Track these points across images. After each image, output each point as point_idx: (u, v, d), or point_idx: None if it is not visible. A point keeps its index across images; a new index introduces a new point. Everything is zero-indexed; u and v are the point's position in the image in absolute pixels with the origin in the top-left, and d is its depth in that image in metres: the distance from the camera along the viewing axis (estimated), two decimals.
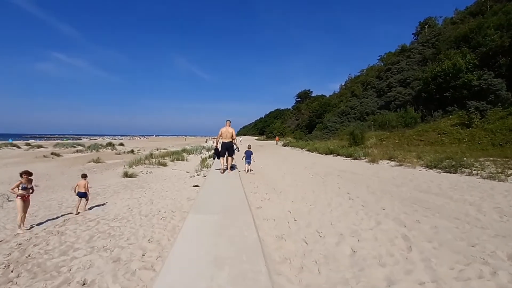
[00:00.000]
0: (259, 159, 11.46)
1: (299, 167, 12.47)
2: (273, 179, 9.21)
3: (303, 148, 24.45)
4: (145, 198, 7.63)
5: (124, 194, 8.45)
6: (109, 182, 11.37)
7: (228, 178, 8.03)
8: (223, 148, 8.70)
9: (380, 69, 39.09)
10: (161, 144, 50.84)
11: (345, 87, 60.87)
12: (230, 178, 8.01)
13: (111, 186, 10.04)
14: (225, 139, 8.57)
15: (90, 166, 18.38)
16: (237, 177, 8.31)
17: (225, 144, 8.60)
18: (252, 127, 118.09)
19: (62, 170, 16.90)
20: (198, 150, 23.79)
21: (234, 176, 8.37)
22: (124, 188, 9.20)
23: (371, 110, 29.74)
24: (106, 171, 15.81)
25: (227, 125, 8.57)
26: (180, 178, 11.11)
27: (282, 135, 59.08)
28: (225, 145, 8.62)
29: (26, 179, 5.77)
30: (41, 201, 8.08)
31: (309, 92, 78.41)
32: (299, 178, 9.36)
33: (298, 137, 47.02)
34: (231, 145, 8.80)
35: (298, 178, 9.36)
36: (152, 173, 13.72)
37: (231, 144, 8.72)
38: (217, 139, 8.99)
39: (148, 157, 18.81)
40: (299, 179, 9.05)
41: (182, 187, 8.90)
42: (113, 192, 8.82)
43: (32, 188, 5.83)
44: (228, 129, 8.51)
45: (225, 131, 8.47)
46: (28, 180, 5.83)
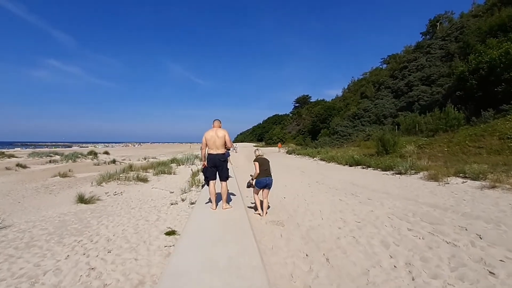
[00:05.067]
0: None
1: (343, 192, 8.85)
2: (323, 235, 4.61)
3: (314, 157, 20.94)
4: None
5: (30, 254, 4.83)
6: (50, 213, 7.70)
7: (227, 225, 4.39)
8: (210, 164, 5.12)
9: (393, 68, 36.05)
10: (153, 152, 47.08)
11: (349, 90, 58.21)
12: (231, 226, 4.34)
13: (39, 225, 6.34)
14: (212, 150, 5.04)
15: (52, 182, 14.66)
16: (242, 223, 4.66)
17: (213, 158, 5.04)
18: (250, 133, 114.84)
19: (12, 188, 13.16)
20: (189, 160, 20.17)
21: (237, 221, 4.74)
22: (48, 236, 5.51)
23: (389, 112, 26.47)
24: (66, 190, 12.13)
25: (216, 126, 5.13)
26: (155, 207, 7.51)
27: (282, 141, 55.75)
28: (213, 160, 5.05)
29: None
30: None
31: (308, 97, 75.91)
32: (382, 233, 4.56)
33: (300, 143, 43.75)
34: (224, 160, 5.16)
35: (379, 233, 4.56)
36: (122, 195, 10.06)
37: (223, 157, 5.12)
38: (202, 152, 5.30)
39: (126, 170, 15.13)
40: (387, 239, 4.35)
41: (150, 232, 5.28)
42: (16, 250, 5.17)
43: None
44: (217, 132, 5.00)
45: (213, 137, 4.98)
46: None
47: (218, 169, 5.07)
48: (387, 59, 52.53)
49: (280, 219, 5.46)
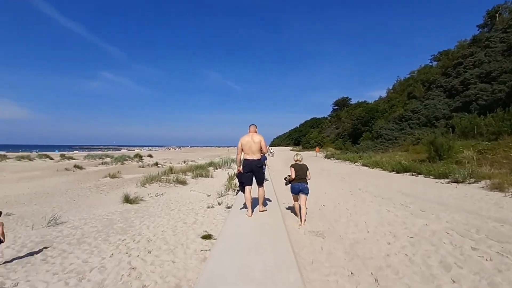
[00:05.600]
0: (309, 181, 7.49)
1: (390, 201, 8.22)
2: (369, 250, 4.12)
3: (356, 162, 19.81)
4: (96, 274, 4.18)
5: (81, 250, 5.18)
6: (99, 211, 8.35)
7: (264, 233, 4.21)
8: (246, 170, 5.03)
9: (445, 65, 32.79)
10: (192, 155, 49.24)
11: (394, 90, 54.45)
12: (267, 234, 4.16)
13: (90, 223, 6.88)
14: (248, 155, 4.98)
15: (103, 183, 16.06)
16: (279, 232, 4.46)
17: (249, 163, 4.98)
18: (286, 137, 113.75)
19: (70, 187, 14.71)
20: (226, 163, 20.54)
21: (273, 229, 4.55)
22: (97, 233, 5.92)
23: (442, 114, 24.00)
24: (114, 190, 13.15)
25: (252, 131, 5.09)
26: (193, 209, 7.69)
27: (320, 145, 54.09)
28: (249, 166, 4.98)
29: None
30: None
31: (348, 100, 72.81)
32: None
33: (340, 147, 41.93)
34: (260, 165, 5.06)
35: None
36: (163, 196, 10.56)
37: (259, 163, 5.03)
38: (237, 157, 5.23)
39: (167, 172, 15.93)
40: None
41: (188, 234, 5.37)
42: (69, 245, 5.59)
43: None
44: (253, 138, 4.96)
45: (249, 142, 4.94)
46: None
47: (254, 174, 5.03)
48: (437, 55, 48.09)
49: (320, 230, 5.13)
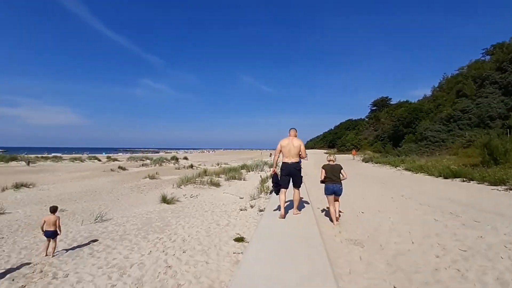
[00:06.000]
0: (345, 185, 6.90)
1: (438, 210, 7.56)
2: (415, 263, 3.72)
3: (397, 166, 18.55)
4: (136, 269, 4.38)
5: (122, 246, 5.50)
6: (140, 210, 8.88)
7: (297, 237, 4.10)
8: (284, 173, 5.13)
9: (500, 59, 29.30)
10: (225, 158, 50.42)
11: (440, 88, 50.05)
12: (301, 239, 4.04)
13: (131, 221, 7.35)
14: (287, 158, 5.10)
15: (143, 183, 17.10)
16: (313, 238, 4.30)
17: (288, 166, 5.10)
18: (320, 139, 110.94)
19: (114, 187, 15.91)
20: (259, 166, 20.62)
21: (307, 234, 4.40)
22: (137, 231, 6.28)
23: (497, 113, 21.47)
24: (153, 190, 13.92)
25: (292, 135, 5.24)
26: (226, 211, 7.80)
27: (357, 148, 51.74)
28: (288, 169, 5.10)
29: None
30: None
31: (387, 99, 68.70)
32: None
33: (379, 150, 39.65)
34: (299, 168, 5.18)
35: None
36: (197, 197, 10.91)
37: (298, 166, 5.16)
38: (274, 158, 5.39)
39: (201, 174, 16.47)
40: None
41: (221, 236, 5.44)
42: (112, 241, 5.97)
43: None
44: (292, 141, 5.10)
45: (288, 145, 5.08)
46: None
47: (292, 177, 5.11)
48: (490, 49, 43.06)
49: (359, 238, 4.84)
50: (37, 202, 11.02)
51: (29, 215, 8.74)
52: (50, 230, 4.72)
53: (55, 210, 5.00)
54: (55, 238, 4.86)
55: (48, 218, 4.77)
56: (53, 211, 4.94)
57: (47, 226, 4.72)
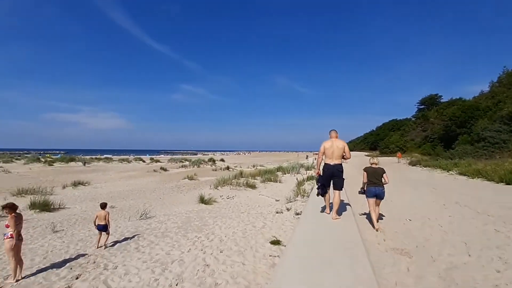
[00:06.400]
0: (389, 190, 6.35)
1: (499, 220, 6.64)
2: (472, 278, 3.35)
3: (450, 170, 16.86)
4: (175, 267, 4.56)
5: (164, 243, 5.78)
6: (179, 209, 9.34)
7: (337, 243, 3.92)
8: (326, 174, 5.15)
9: None
10: (260, 160, 50.72)
11: (500, 83, 44.33)
12: (341, 245, 3.86)
13: (171, 219, 7.74)
14: (330, 159, 5.10)
15: (183, 184, 17.97)
16: (354, 244, 4.08)
17: (331, 168, 5.08)
18: (361, 141, 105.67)
19: (157, 186, 16.98)
20: (295, 169, 20.32)
21: (348, 240, 4.19)
22: (177, 229, 6.59)
23: None
24: (192, 190, 14.54)
25: (333, 136, 5.20)
26: (261, 213, 7.80)
27: (403, 150, 48.20)
28: (331, 170, 5.09)
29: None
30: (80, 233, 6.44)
31: (437, 97, 62.83)
32: None
33: (428, 152, 36.42)
34: (341, 170, 5.10)
35: None
36: (233, 199, 11.13)
37: (340, 167, 5.10)
38: (318, 160, 5.39)
39: (237, 176, 16.77)
40: None
41: (257, 238, 5.45)
42: (155, 237, 6.31)
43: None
44: (336, 143, 5.07)
45: (332, 147, 5.07)
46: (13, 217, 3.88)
47: (334, 178, 5.10)
48: None
49: (406, 248, 4.47)
50: (91, 199, 12.22)
51: (85, 211, 9.73)
52: (101, 224, 5.28)
53: (105, 206, 5.58)
54: (106, 231, 5.41)
55: (100, 214, 5.34)
56: (103, 207, 5.53)
57: (98, 221, 5.29)
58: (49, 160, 34.03)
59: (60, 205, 10.13)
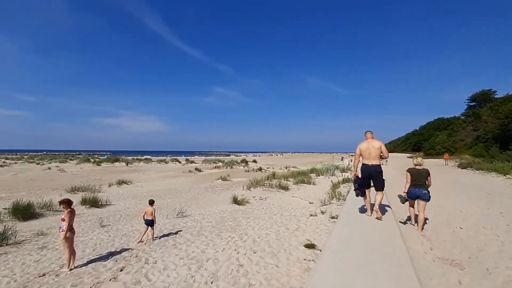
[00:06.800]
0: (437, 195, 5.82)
1: None
2: None
3: (507, 174, 15.06)
4: (209, 265, 4.66)
5: (200, 241, 5.95)
6: (213, 209, 9.59)
7: (377, 250, 3.70)
8: (364, 175, 5.11)
9: None
10: (293, 161, 50.17)
11: None
12: (382, 252, 3.63)
13: (206, 218, 7.98)
14: (367, 160, 5.10)
15: (216, 184, 18.45)
16: (397, 252, 3.81)
17: (368, 168, 5.06)
18: (402, 142, 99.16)
19: (192, 186, 17.65)
20: (329, 170, 19.72)
21: (389, 247, 3.93)
22: (212, 228, 6.76)
23: None
24: (225, 191, 14.86)
25: (369, 137, 5.21)
26: (295, 216, 7.70)
27: (451, 151, 44.29)
28: (368, 171, 5.06)
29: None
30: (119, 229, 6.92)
31: (491, 93, 56.68)
32: None
33: (481, 154, 32.95)
34: (380, 170, 5.01)
35: None
36: (266, 200, 11.14)
37: (379, 168, 5.03)
38: (355, 162, 5.38)
39: (269, 177, 16.77)
40: None
41: (290, 241, 5.39)
42: (191, 236, 6.53)
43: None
44: (372, 144, 5.06)
45: (368, 148, 5.07)
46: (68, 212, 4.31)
47: (373, 179, 5.07)
48: None
49: (457, 258, 4.08)
50: (133, 197, 13.11)
51: (128, 208, 10.46)
52: (148, 219, 5.79)
53: (152, 203, 6.09)
54: (153, 226, 5.90)
55: (147, 209, 5.86)
56: (150, 204, 6.04)
57: (146, 216, 5.81)
58: (97, 161, 37.34)
59: (106, 202, 11.02)
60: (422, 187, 5.33)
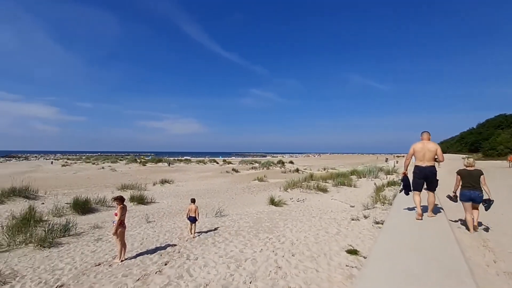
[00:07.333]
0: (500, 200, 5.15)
1: None
2: None
3: None
4: (248, 265, 4.69)
5: (238, 241, 6.03)
6: (250, 209, 9.71)
7: (431, 260, 3.38)
8: (418, 176, 5.05)
9: None
10: (332, 162, 48.57)
11: None
12: (437, 264, 3.31)
13: (243, 218, 8.10)
14: (421, 162, 5.03)
15: (253, 185, 18.66)
16: (455, 263, 3.44)
17: (423, 170, 4.99)
18: (456, 141, 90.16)
19: (229, 187, 18.09)
20: (372, 172, 18.69)
21: (446, 257, 3.56)
22: (249, 229, 6.84)
23: None
24: (261, 192, 14.95)
25: (425, 138, 5.11)
26: (335, 219, 7.44)
27: None
28: (423, 172, 5.00)
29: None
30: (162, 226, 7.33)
31: None
32: None
33: None
34: (435, 172, 4.95)
35: None
36: (303, 202, 10.96)
37: (434, 169, 4.96)
38: (406, 161, 5.34)
39: (307, 178, 16.45)
40: None
41: (331, 245, 5.22)
42: (229, 235, 6.65)
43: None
44: (427, 145, 4.97)
45: (422, 149, 4.99)
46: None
47: (428, 180, 5.01)
48: None
49: None
50: (175, 195, 13.86)
51: (170, 205, 11.09)
52: (192, 216, 6.22)
53: (195, 201, 6.57)
54: (195, 222, 6.33)
55: (191, 207, 6.30)
56: (193, 202, 6.50)
57: (190, 213, 6.23)
58: (143, 161, 40.32)
59: (151, 200, 11.82)
60: (475, 189, 5.17)
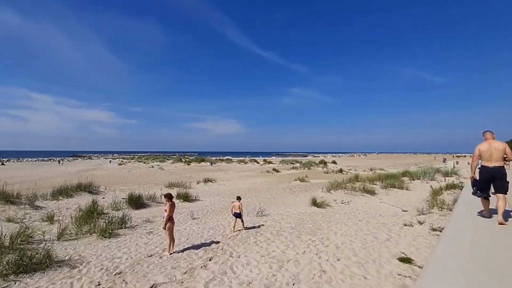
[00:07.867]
0: None
1: None
2: None
3: None
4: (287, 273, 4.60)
5: (279, 241, 5.98)
6: (292, 210, 9.60)
7: (502, 275, 2.95)
8: (484, 176, 4.83)
9: None
10: (379, 163, 45.67)
11: None
12: None
13: (285, 219, 8.03)
14: (488, 162, 4.81)
15: (294, 185, 18.45)
16: None
17: (490, 170, 4.75)
18: None
19: (270, 187, 18.14)
20: (428, 174, 17.06)
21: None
22: (291, 229, 6.74)
23: None
24: (303, 192, 14.71)
25: (489, 138, 4.92)
26: (384, 224, 6.97)
27: None
28: (490, 173, 4.75)
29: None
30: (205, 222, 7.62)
31: None
32: None
33: None
34: (504, 172, 4.68)
35: None
36: (348, 204, 10.48)
37: (503, 170, 4.71)
38: (472, 163, 5.04)
39: (352, 179, 15.71)
40: None
41: (380, 252, 4.90)
42: (271, 235, 6.62)
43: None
44: (494, 145, 4.78)
45: (489, 149, 4.79)
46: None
47: (496, 181, 4.77)
48: None
49: None
50: (217, 194, 14.36)
51: (213, 204, 11.51)
52: (237, 212, 6.62)
53: (240, 198, 6.92)
54: (241, 218, 6.73)
55: (235, 204, 6.69)
56: (238, 199, 6.84)
57: (234, 209, 6.63)
58: (187, 161, 42.65)
59: (195, 197, 12.42)
60: None
